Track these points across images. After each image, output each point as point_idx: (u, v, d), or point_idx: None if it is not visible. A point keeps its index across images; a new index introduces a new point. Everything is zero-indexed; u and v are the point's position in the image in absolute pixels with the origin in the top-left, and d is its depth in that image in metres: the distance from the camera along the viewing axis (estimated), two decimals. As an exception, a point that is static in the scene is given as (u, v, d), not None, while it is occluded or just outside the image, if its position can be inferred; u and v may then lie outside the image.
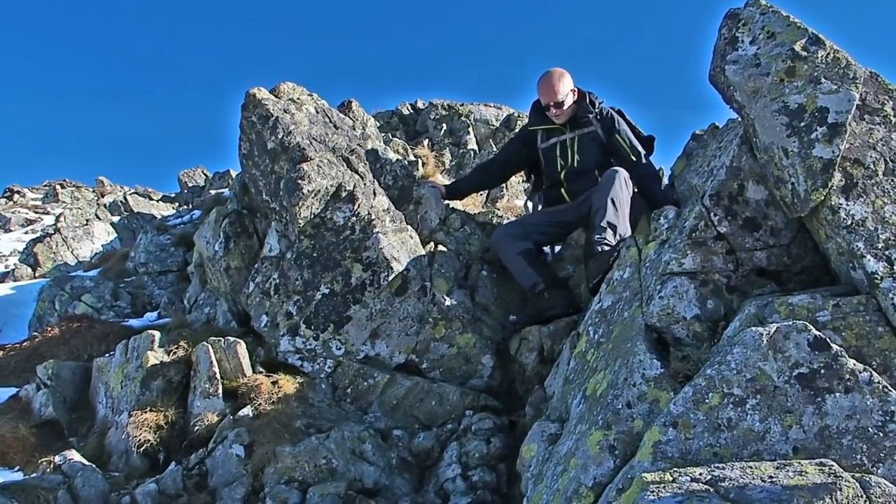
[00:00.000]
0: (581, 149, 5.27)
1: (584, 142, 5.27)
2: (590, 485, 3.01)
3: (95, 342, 6.48)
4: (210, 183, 20.87)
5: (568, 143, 5.31)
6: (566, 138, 5.33)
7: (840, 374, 2.64)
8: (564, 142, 5.33)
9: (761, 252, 3.51)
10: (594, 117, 5.26)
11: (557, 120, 5.29)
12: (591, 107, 5.26)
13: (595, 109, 5.27)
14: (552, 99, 5.19)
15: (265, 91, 5.55)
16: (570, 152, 5.29)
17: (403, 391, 4.68)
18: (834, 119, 3.17)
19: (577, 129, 5.31)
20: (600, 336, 3.92)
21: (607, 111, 5.29)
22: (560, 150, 5.35)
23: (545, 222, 5.35)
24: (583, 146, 5.27)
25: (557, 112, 5.24)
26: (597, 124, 5.25)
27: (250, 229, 5.71)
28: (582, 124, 5.29)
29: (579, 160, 5.26)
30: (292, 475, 4.01)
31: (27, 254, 17.30)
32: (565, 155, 5.32)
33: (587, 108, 5.26)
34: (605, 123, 5.24)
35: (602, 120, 5.25)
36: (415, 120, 11.50)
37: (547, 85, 5.21)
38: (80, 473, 4.17)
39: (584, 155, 5.26)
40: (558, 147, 5.36)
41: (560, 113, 5.24)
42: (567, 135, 5.33)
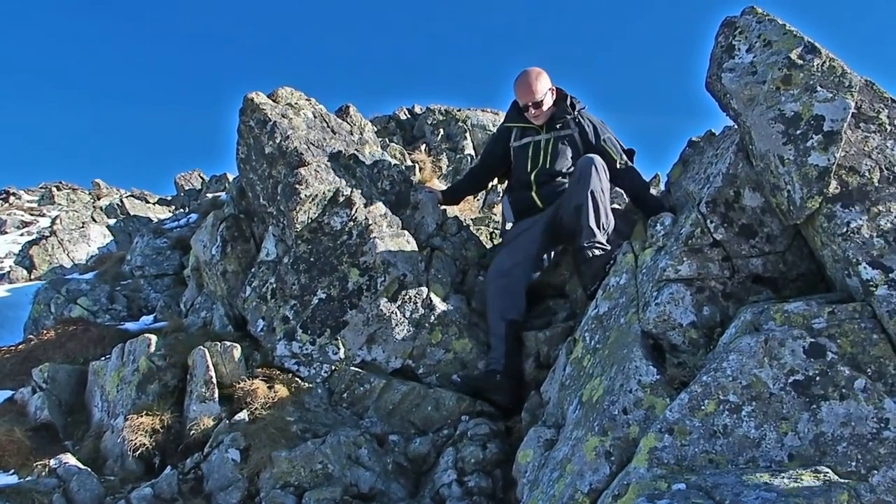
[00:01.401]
0: (554, 151, 5.14)
1: (558, 144, 5.15)
2: (585, 491, 3.01)
3: (91, 345, 6.47)
4: (207, 186, 20.87)
5: (542, 143, 5.18)
6: (541, 139, 5.20)
7: (835, 381, 2.66)
8: (539, 142, 5.20)
9: (757, 259, 3.52)
10: (573, 120, 5.14)
11: (536, 121, 5.18)
12: (570, 109, 5.15)
13: (574, 113, 5.15)
14: (530, 99, 5.07)
15: (263, 95, 5.56)
16: (543, 154, 5.15)
17: (399, 396, 4.68)
18: (829, 127, 3.19)
19: (553, 130, 5.18)
20: (596, 342, 3.93)
21: (588, 117, 5.19)
22: (533, 150, 5.20)
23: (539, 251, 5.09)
24: (557, 149, 5.14)
25: (536, 112, 5.12)
26: (574, 128, 5.14)
27: (247, 233, 5.71)
28: (559, 126, 5.17)
29: (552, 162, 5.13)
30: (288, 480, 4.01)
31: (23, 256, 17.28)
32: (537, 156, 5.18)
33: (565, 110, 5.14)
34: (583, 128, 5.13)
35: (580, 124, 5.14)
36: (412, 125, 11.51)
37: (524, 85, 5.10)
38: (75, 477, 4.16)
39: (558, 157, 5.13)
40: (531, 147, 5.22)
41: (539, 113, 5.13)
42: (542, 136, 5.20)
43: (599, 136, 5.12)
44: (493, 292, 4.90)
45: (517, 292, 4.85)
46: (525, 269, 4.96)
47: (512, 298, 4.83)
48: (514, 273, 4.89)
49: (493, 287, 4.91)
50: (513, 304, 4.81)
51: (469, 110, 11.43)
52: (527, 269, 4.98)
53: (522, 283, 4.89)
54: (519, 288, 4.86)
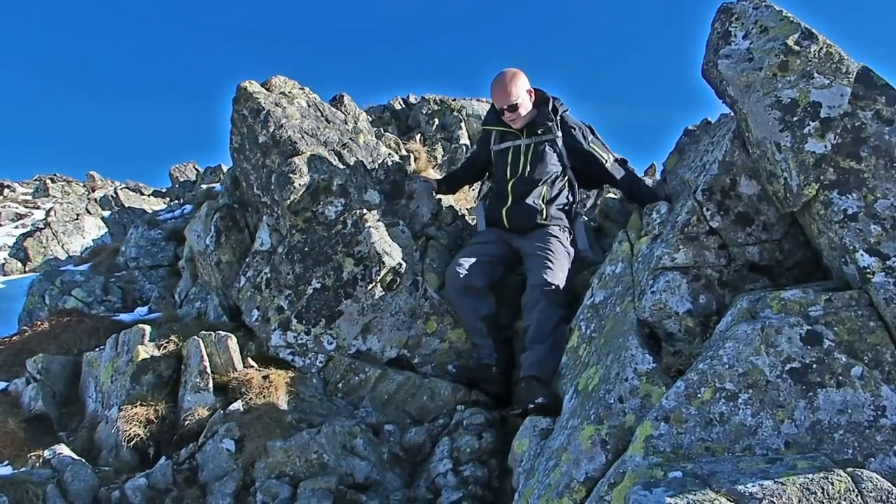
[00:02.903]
0: (534, 157, 4.90)
1: (538, 150, 4.91)
2: (581, 479, 3.01)
3: (85, 337, 6.44)
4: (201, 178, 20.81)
5: (522, 149, 4.94)
6: (521, 144, 4.96)
7: (832, 368, 2.65)
8: (518, 147, 4.96)
9: (753, 247, 3.51)
10: (555, 124, 4.90)
11: (514, 124, 4.94)
12: (552, 114, 4.90)
13: (556, 117, 4.90)
14: (506, 102, 4.82)
15: (256, 84, 5.52)
16: (523, 160, 4.91)
17: (395, 386, 4.67)
18: (826, 114, 3.18)
19: (534, 135, 4.94)
20: (592, 331, 3.92)
21: (572, 121, 4.96)
22: (512, 156, 4.97)
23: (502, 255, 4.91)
24: (536, 155, 4.90)
25: (512, 116, 4.88)
26: (557, 132, 4.90)
27: (241, 223, 5.68)
28: (541, 131, 4.93)
29: (529, 170, 4.89)
30: (283, 470, 3.99)
31: (17, 248, 17.22)
32: (516, 163, 4.94)
33: (547, 115, 4.91)
34: (567, 132, 4.91)
35: (564, 128, 4.92)
36: (407, 115, 11.47)
37: (499, 87, 4.85)
38: (69, 468, 4.14)
39: (537, 164, 4.89)
40: (510, 153, 4.99)
41: (515, 117, 4.88)
42: (522, 140, 4.96)
43: (587, 138, 4.94)
44: (456, 299, 4.80)
45: (483, 294, 4.75)
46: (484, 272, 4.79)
47: (481, 300, 4.74)
48: (476, 277, 4.75)
49: (455, 295, 4.79)
50: (483, 304, 4.73)
51: (464, 100, 11.39)
52: (486, 272, 4.81)
53: (483, 284, 4.75)
54: (485, 288, 4.75)
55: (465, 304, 4.75)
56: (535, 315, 4.33)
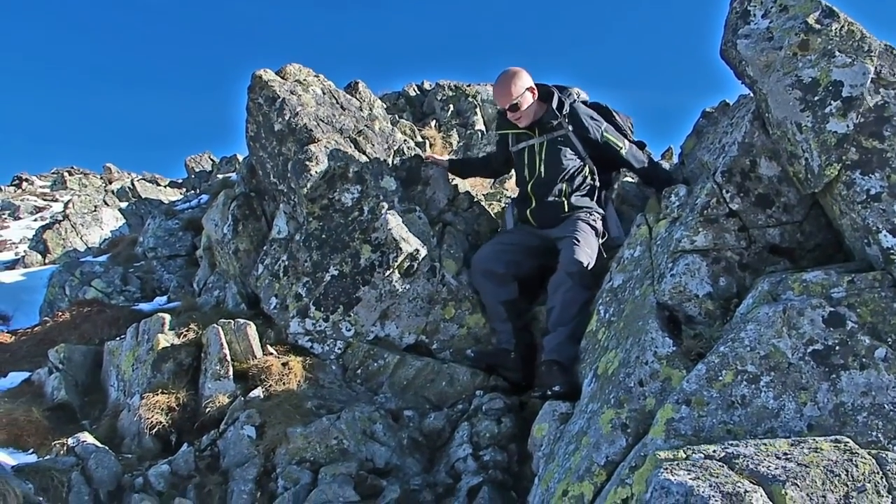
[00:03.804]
0: (549, 156, 4.86)
1: (552, 148, 4.86)
2: (602, 463, 3.00)
3: (106, 326, 6.51)
4: (217, 168, 20.90)
5: (536, 148, 4.91)
6: (534, 143, 4.93)
7: (855, 350, 2.63)
8: (532, 147, 4.93)
9: (774, 229, 3.48)
10: (564, 120, 4.82)
11: (520, 123, 4.89)
12: (558, 110, 4.82)
13: (563, 112, 4.81)
14: (507, 102, 4.78)
15: (271, 73, 5.52)
16: (538, 160, 4.90)
17: (414, 372, 4.68)
18: (848, 93, 3.13)
19: (545, 133, 4.89)
20: (611, 315, 3.90)
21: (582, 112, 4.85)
22: (528, 157, 4.96)
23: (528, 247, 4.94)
24: (551, 153, 4.86)
25: (516, 115, 4.83)
26: (568, 126, 4.82)
27: (258, 212, 5.70)
28: (550, 128, 4.87)
29: (545, 170, 4.87)
30: (304, 456, 4.02)
31: (37, 240, 17.39)
32: (532, 164, 4.93)
33: (553, 113, 4.83)
34: (578, 124, 4.82)
35: (575, 121, 4.83)
36: (421, 101, 11.44)
37: (499, 88, 4.84)
38: (93, 455, 4.18)
39: (552, 163, 4.86)
40: (526, 154, 4.97)
41: (520, 115, 4.83)
42: (535, 139, 4.92)
43: (601, 126, 4.85)
44: (478, 283, 4.88)
45: (504, 279, 4.79)
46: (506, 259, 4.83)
47: (502, 286, 4.78)
48: (497, 263, 4.81)
49: (477, 278, 4.88)
50: (503, 290, 4.78)
51: (479, 85, 11.34)
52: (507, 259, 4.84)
53: (504, 269, 4.79)
54: (503, 274, 4.78)
55: (486, 287, 4.80)
56: (559, 297, 4.33)
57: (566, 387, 3.95)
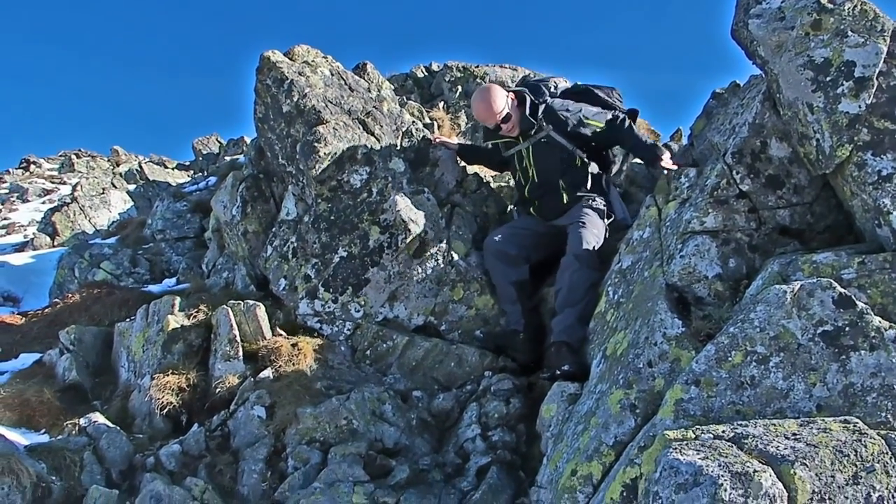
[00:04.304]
0: (537, 160, 4.92)
1: (539, 151, 4.91)
2: (611, 443, 3.02)
3: (116, 308, 6.54)
4: (224, 150, 20.89)
5: (524, 154, 4.96)
6: (521, 149, 4.97)
7: (865, 331, 2.62)
8: (521, 153, 4.98)
9: (784, 210, 3.47)
10: (543, 119, 4.84)
11: (512, 133, 4.93)
12: (532, 116, 4.84)
13: (539, 115, 4.84)
14: (494, 120, 4.83)
15: (279, 54, 5.50)
16: (528, 165, 4.96)
17: (422, 353, 4.70)
18: (861, 73, 3.11)
19: (528, 137, 4.92)
20: (620, 296, 3.90)
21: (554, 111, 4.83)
22: (519, 163, 5.03)
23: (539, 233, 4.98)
24: (539, 156, 4.91)
25: (507, 127, 4.87)
26: (548, 126, 4.84)
27: (267, 193, 5.70)
28: (533, 132, 4.89)
29: (538, 174, 4.93)
30: (313, 436, 4.05)
31: (45, 223, 17.43)
32: (525, 170, 5.00)
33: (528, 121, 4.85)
34: (556, 121, 4.82)
35: (552, 118, 4.83)
36: (429, 83, 11.36)
37: (483, 109, 4.84)
38: (104, 435, 4.23)
39: (543, 166, 4.91)
40: (516, 159, 5.04)
41: (511, 126, 4.87)
42: (522, 145, 4.97)
43: (578, 113, 4.82)
44: (491, 264, 4.90)
45: (515, 261, 4.82)
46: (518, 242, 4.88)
47: (512, 266, 4.82)
48: (509, 245, 4.85)
49: (489, 259, 4.91)
50: (513, 270, 4.81)
51: (487, 66, 11.26)
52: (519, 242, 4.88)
53: (517, 252, 4.83)
54: (515, 256, 4.82)
55: (498, 268, 4.83)
56: (566, 278, 4.35)
57: (575, 367, 3.96)
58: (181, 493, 3.71)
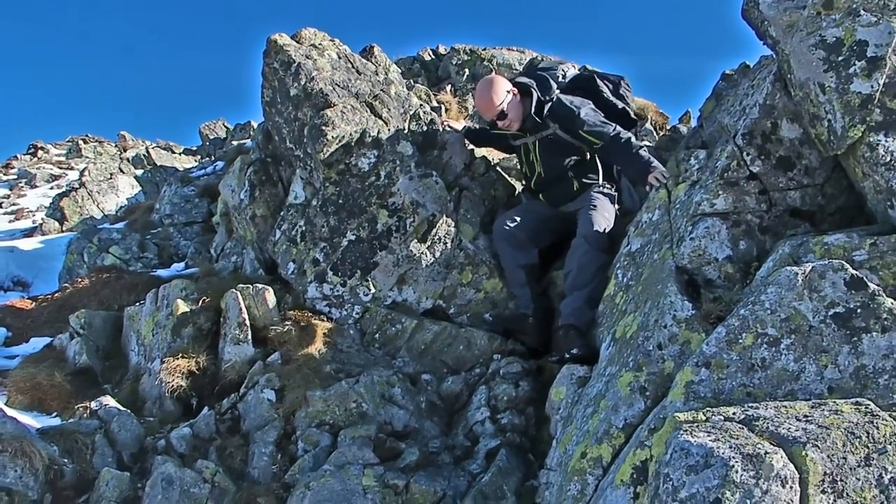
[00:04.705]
0: (543, 156, 4.91)
1: (545, 147, 4.89)
2: (620, 425, 3.02)
3: (125, 292, 6.57)
4: (231, 135, 20.89)
5: (531, 147, 4.96)
6: (528, 142, 4.97)
7: (877, 313, 2.60)
8: (528, 146, 4.99)
9: (795, 192, 3.45)
10: (549, 118, 4.80)
11: (511, 129, 4.93)
12: (537, 115, 4.80)
13: (545, 111, 4.79)
14: (493, 112, 4.79)
15: (286, 37, 5.48)
16: (535, 159, 4.95)
17: (431, 336, 4.70)
18: (873, 52, 3.07)
19: (535, 132, 4.89)
20: (629, 279, 3.89)
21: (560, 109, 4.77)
22: (525, 155, 5.03)
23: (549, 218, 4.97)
24: (545, 153, 4.90)
25: (505, 123, 4.86)
26: (553, 124, 4.80)
27: (275, 177, 5.70)
28: (538, 128, 4.86)
29: (544, 169, 4.93)
30: (323, 419, 4.06)
31: (54, 208, 17.50)
32: (531, 164, 5.00)
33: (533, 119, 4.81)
34: (562, 121, 4.76)
35: (558, 118, 4.78)
36: (437, 66, 11.33)
37: (482, 101, 4.84)
38: (115, 418, 4.25)
39: (549, 162, 4.90)
40: (523, 151, 5.04)
41: (508, 122, 4.85)
42: (528, 139, 4.96)
43: (575, 126, 4.71)
44: (500, 247, 4.89)
45: (525, 245, 4.81)
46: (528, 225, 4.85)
47: (521, 250, 4.81)
48: (519, 229, 4.82)
49: (498, 242, 4.90)
50: (523, 254, 4.81)
51: (495, 49, 11.21)
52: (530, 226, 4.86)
53: (526, 235, 4.81)
54: (524, 240, 4.80)
55: (507, 251, 4.82)
56: (576, 260, 4.35)
57: (584, 350, 3.97)
58: (192, 475, 3.73)
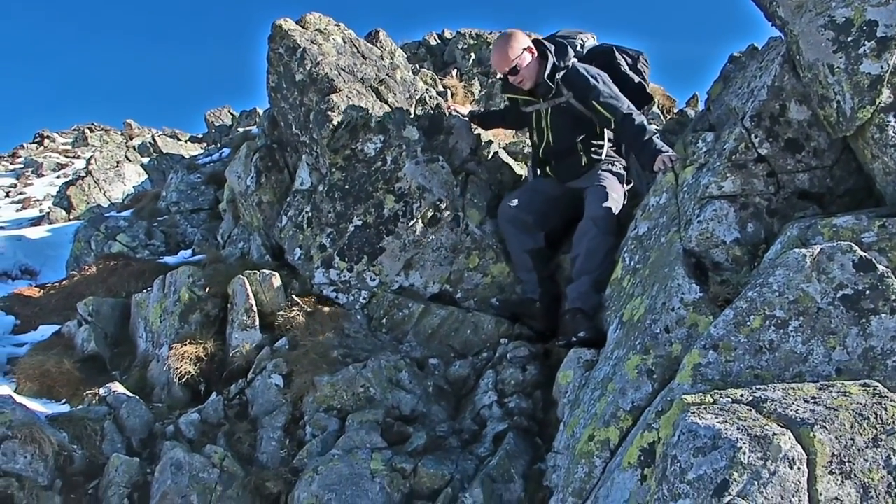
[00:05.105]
0: (554, 124, 4.79)
1: (556, 115, 4.76)
2: (628, 408, 3.02)
3: (132, 279, 6.59)
4: (237, 122, 20.90)
5: (543, 114, 4.82)
6: (540, 109, 4.83)
7: (886, 294, 2.59)
8: (539, 113, 4.85)
9: (803, 174, 3.43)
10: (563, 84, 4.66)
11: (523, 86, 4.76)
12: (550, 80, 4.65)
13: (558, 76, 4.65)
14: (506, 66, 4.65)
15: (292, 22, 5.46)
16: (545, 127, 4.83)
17: (438, 321, 4.70)
18: (883, 33, 3.04)
19: (548, 98, 4.75)
20: (636, 262, 3.88)
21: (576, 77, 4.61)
22: (535, 122, 4.89)
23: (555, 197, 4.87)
24: (556, 121, 4.78)
25: (517, 79, 4.70)
26: (567, 92, 4.66)
27: (281, 163, 5.69)
28: (552, 94, 4.72)
29: (554, 137, 4.81)
30: (331, 403, 4.07)
31: (61, 197, 17.54)
32: (541, 131, 4.87)
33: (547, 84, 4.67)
34: (576, 89, 4.62)
35: (572, 86, 4.63)
36: (442, 50, 11.29)
37: (497, 54, 4.72)
38: (124, 405, 4.27)
39: (559, 131, 4.79)
40: (534, 118, 4.90)
41: (520, 78, 4.70)
42: (541, 105, 4.81)
43: (589, 96, 4.55)
44: (506, 231, 4.86)
45: (531, 228, 4.76)
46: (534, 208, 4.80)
47: (527, 234, 4.76)
48: (524, 212, 4.77)
49: (504, 225, 4.86)
50: (528, 238, 4.75)
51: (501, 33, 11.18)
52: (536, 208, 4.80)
53: (533, 219, 4.75)
54: (531, 224, 4.75)
55: (512, 235, 4.78)
56: (584, 245, 4.31)
57: (591, 333, 3.96)
58: (201, 460, 3.75)
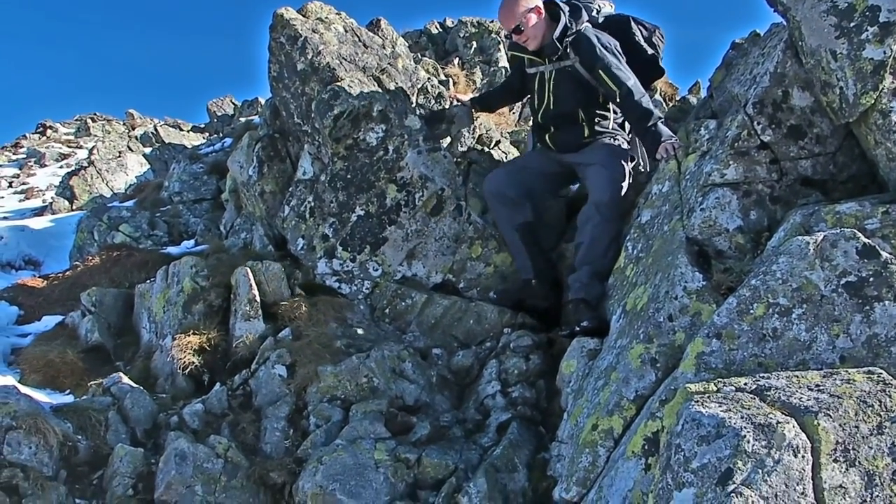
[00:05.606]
0: (557, 87, 4.60)
1: (561, 79, 4.58)
2: (631, 397, 3.03)
3: (135, 270, 6.59)
4: (239, 112, 20.85)
5: (546, 76, 4.63)
6: (545, 71, 4.64)
7: (889, 281, 2.59)
8: (543, 75, 4.65)
9: (806, 161, 3.42)
10: (570, 48, 4.48)
11: (529, 46, 4.56)
12: (559, 41, 4.47)
13: (568, 39, 4.46)
14: (511, 23, 4.47)
15: (293, 11, 5.44)
16: (547, 90, 4.64)
17: (441, 311, 4.70)
18: (886, 18, 3.02)
19: (554, 61, 4.57)
20: (639, 251, 3.88)
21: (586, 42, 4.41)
22: (538, 84, 4.70)
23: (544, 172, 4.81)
24: (560, 84, 4.59)
25: (521, 38, 4.52)
26: (574, 56, 4.48)
27: (283, 153, 5.68)
28: (559, 56, 4.54)
29: (555, 101, 4.63)
30: (334, 394, 4.08)
31: (63, 187, 17.53)
32: (543, 93, 4.68)
33: (554, 45, 4.49)
34: (583, 55, 4.43)
35: (579, 51, 4.44)
36: (444, 39, 11.26)
37: (502, 10, 4.54)
38: (128, 395, 4.28)
39: (561, 95, 4.61)
40: (537, 80, 4.70)
41: (525, 38, 4.51)
42: (546, 67, 4.62)
43: (596, 64, 4.38)
44: (493, 208, 4.80)
45: (516, 202, 4.67)
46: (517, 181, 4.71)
47: (515, 209, 4.67)
48: (507, 186, 4.69)
49: (493, 203, 4.79)
50: (517, 214, 4.67)
51: (502, 21, 11.14)
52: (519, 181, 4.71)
53: (516, 193, 4.66)
54: (518, 197, 4.66)
55: (499, 211, 4.74)
56: (588, 232, 4.28)
57: (594, 322, 3.95)
58: (205, 450, 3.76)
